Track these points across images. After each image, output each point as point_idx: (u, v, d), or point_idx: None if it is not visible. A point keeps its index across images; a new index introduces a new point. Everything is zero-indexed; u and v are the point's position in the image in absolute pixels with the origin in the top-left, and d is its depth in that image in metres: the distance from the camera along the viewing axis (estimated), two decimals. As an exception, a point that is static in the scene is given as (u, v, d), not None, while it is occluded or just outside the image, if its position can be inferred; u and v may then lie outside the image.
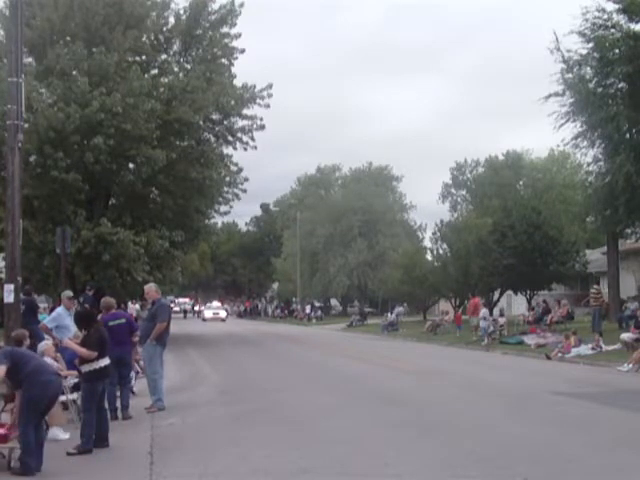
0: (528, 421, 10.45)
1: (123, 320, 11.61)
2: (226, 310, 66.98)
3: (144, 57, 29.02)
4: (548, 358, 20.30)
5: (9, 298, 12.50)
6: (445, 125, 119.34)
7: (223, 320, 58.56)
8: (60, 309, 12.77)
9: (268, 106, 30.09)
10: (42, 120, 23.93)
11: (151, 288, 12.22)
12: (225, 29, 29.89)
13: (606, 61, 23.98)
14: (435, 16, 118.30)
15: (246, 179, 31.66)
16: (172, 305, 56.96)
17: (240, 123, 30.55)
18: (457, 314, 34.81)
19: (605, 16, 24.14)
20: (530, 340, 24.37)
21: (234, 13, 29.67)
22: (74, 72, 25.88)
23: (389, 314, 42.17)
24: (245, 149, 31.07)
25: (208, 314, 61.49)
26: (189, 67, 29.83)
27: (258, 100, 29.87)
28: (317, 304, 66.18)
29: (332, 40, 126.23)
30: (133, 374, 12.93)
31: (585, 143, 26.74)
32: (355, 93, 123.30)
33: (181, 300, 79.96)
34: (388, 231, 60.64)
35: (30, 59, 27.07)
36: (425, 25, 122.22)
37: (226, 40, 30.03)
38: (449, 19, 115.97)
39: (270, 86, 29.93)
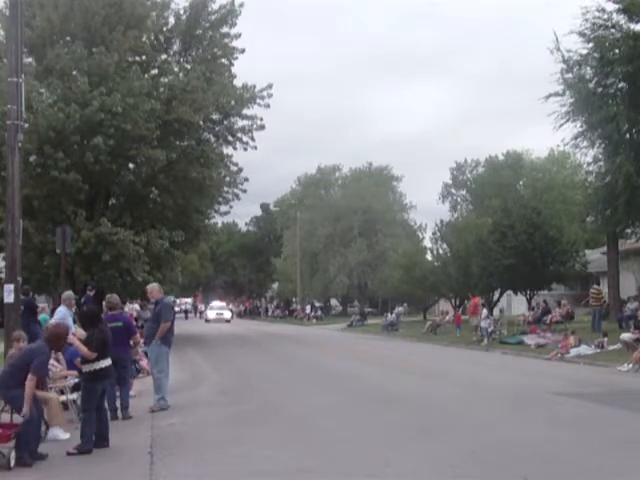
0: (528, 421, 10.45)
1: (120, 323, 11.48)
2: (231, 310, 63.57)
3: (144, 57, 29.06)
4: (548, 358, 20.30)
5: (9, 298, 12.49)
6: (445, 126, 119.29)
7: (228, 321, 55.73)
8: (63, 309, 12.80)
9: (268, 106, 30.21)
10: (42, 120, 23.95)
11: (154, 288, 12.23)
12: (225, 29, 29.99)
13: (606, 61, 23.96)
14: (436, 20, 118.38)
15: (246, 179, 31.79)
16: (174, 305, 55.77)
17: (240, 123, 30.69)
18: (457, 314, 34.80)
19: (605, 16, 24.13)
20: (530, 340, 24.36)
21: (234, 13, 29.77)
22: (74, 72, 25.92)
23: (389, 314, 42.10)
24: (245, 149, 31.19)
25: (211, 315, 57.67)
26: (189, 67, 29.87)
27: (258, 100, 29.95)
28: (317, 304, 66.05)
29: (335, 42, 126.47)
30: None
31: (585, 143, 26.70)
32: (356, 95, 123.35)
33: (183, 300, 78.66)
34: (388, 231, 60.59)
35: (30, 59, 27.09)
36: (426, 29, 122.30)
37: (226, 40, 30.13)
38: (451, 23, 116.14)
39: (270, 86, 30.04)
